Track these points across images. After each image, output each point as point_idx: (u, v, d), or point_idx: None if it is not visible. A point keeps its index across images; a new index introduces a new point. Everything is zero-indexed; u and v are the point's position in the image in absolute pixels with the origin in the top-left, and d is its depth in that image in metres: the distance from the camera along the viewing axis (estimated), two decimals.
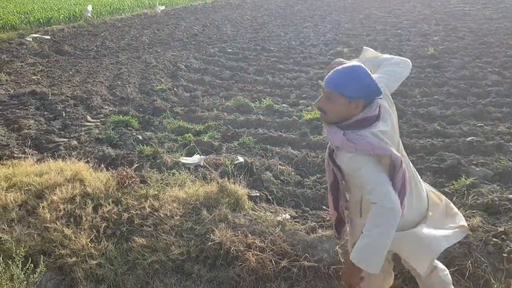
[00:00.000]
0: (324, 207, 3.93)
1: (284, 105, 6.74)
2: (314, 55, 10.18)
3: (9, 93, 7.55)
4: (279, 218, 3.35)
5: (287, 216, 3.39)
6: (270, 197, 3.98)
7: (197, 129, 5.70)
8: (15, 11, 17.63)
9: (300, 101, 6.87)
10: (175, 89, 7.71)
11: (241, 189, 3.70)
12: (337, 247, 3.07)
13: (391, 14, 17.36)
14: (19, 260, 2.55)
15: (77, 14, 17.77)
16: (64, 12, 17.66)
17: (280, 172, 4.38)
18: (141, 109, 6.69)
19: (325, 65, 9.07)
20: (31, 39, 12.99)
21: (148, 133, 5.72)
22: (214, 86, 8.00)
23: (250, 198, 3.78)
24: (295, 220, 3.57)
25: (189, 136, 5.38)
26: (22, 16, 16.28)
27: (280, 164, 4.55)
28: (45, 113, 6.65)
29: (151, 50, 11.40)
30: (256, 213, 3.50)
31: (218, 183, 3.77)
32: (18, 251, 2.58)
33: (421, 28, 13.45)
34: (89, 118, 6.46)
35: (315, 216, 3.73)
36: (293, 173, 4.46)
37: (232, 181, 4.02)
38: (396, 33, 12.71)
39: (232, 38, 13.35)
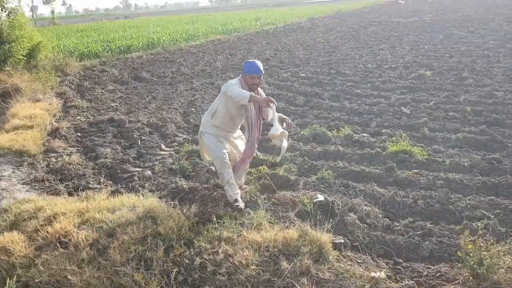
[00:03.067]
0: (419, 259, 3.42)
1: (364, 134, 6.26)
2: (393, 79, 9.60)
3: (89, 120, 7.76)
4: (373, 275, 2.89)
5: (383, 275, 2.92)
6: (355, 244, 3.53)
7: (272, 161, 5.38)
8: (98, 39, 18.71)
9: (382, 130, 6.36)
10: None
11: (324, 235, 3.29)
12: None
13: (474, 34, 16.29)
14: None
15: (155, 41, 18.49)
16: (143, 40, 18.46)
17: (365, 214, 3.92)
18: None
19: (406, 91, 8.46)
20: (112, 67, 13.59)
21: None
22: (287, 113, 7.69)
23: (334, 245, 3.37)
24: (387, 274, 3.10)
25: (263, 169, 5.08)
26: (105, 44, 17.19)
27: (365, 204, 4.09)
28: (122, 141, 6.70)
29: (224, 76, 11.41)
30: (342, 266, 3.07)
31: (299, 228, 3.40)
32: None
33: (511, 48, 12.38)
34: (163, 146, 6.40)
35: (410, 270, 3.22)
36: (380, 216, 3.97)
37: (312, 222, 3.64)
38: (483, 54, 11.78)
39: (304, 62, 13.10)
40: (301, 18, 32.07)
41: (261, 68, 4.02)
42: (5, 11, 11.06)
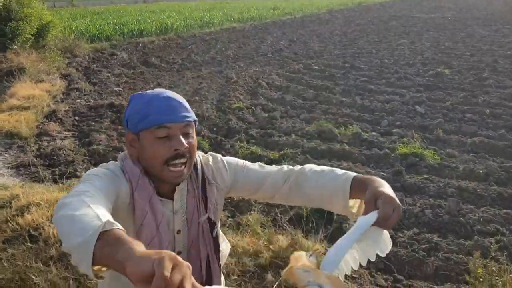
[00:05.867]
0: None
1: (373, 133, 5.88)
2: (410, 76, 9.16)
3: (89, 104, 7.50)
4: None
5: None
6: None
7: (272, 157, 5.04)
8: (112, 22, 18.45)
9: (393, 130, 5.98)
10: (253, 107, 7.18)
11: (316, 245, 2.96)
12: None
13: (497, 33, 15.63)
14: None
15: (169, 26, 18.18)
16: (157, 24, 18.14)
17: None
18: (214, 129, 6.21)
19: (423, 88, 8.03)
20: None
21: None
22: (295, 106, 7.34)
23: None
24: None
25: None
26: (117, 27, 16.93)
27: None
28: (119, 127, 6.42)
29: (234, 65, 11.06)
30: None
31: (290, 235, 3.07)
32: None
33: None
34: None
35: None
36: None
37: (306, 228, 3.32)
38: (506, 54, 11.23)
39: (319, 54, 12.67)
40: (320, 9, 31.40)
41: (184, 106, 1.35)
42: None
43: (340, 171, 1.42)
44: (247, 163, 1.56)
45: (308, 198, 1.47)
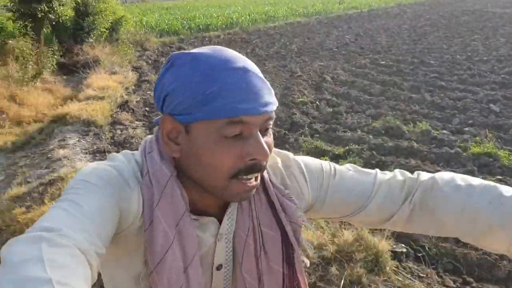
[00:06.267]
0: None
1: (444, 131, 5.65)
2: (484, 73, 8.68)
3: None
4: None
5: None
6: (419, 255, 3.12)
7: (336, 153, 5.00)
8: (179, 17, 19.04)
9: (465, 128, 5.71)
10: (317, 102, 7.13)
11: (383, 242, 2.92)
12: None
13: None
14: None
15: (234, 21, 18.47)
16: (222, 19, 18.50)
17: None
18: (278, 123, 6.25)
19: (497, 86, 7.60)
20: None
21: None
22: (360, 102, 7.21)
23: (394, 254, 2.98)
24: None
25: (325, 160, 4.72)
26: (185, 22, 17.44)
27: None
28: None
29: (298, 59, 11.04)
30: (400, 279, 2.70)
31: (355, 230, 3.05)
32: None
33: None
34: None
35: None
36: None
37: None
38: None
39: (386, 49, 12.33)
40: (388, 3, 30.51)
41: (268, 86, 0.80)
42: None
43: (506, 190, 0.87)
44: (337, 166, 1.03)
45: (445, 227, 0.93)
